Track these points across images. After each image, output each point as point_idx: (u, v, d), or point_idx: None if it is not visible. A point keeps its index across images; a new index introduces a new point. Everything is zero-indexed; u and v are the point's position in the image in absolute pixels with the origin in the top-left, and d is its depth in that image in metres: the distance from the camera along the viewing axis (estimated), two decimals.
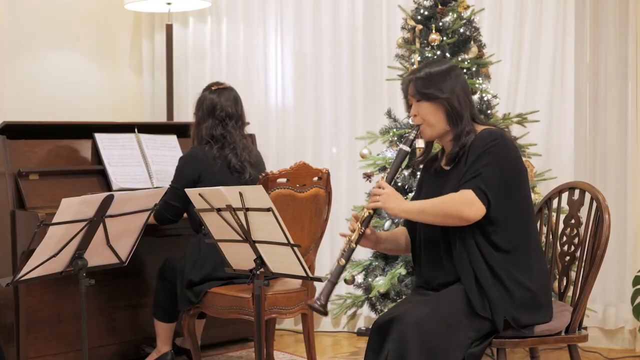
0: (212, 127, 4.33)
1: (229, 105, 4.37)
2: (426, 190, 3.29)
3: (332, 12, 5.58)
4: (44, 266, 3.06)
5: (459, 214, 3.02)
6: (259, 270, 3.15)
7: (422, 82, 3.16)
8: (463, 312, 3.00)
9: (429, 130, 3.20)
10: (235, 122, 4.37)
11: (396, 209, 3.12)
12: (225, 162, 4.28)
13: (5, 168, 4.42)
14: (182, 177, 4.28)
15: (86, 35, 5.65)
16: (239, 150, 4.33)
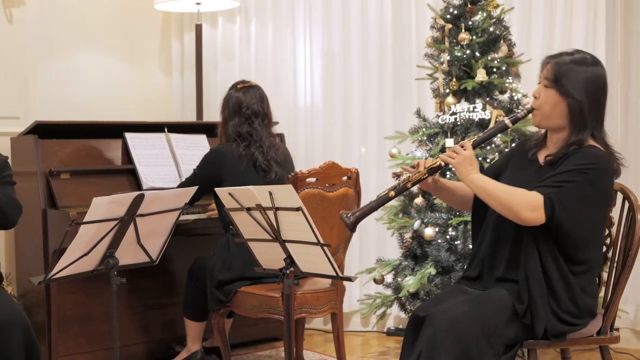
0: (239, 125, 4.34)
1: (255, 103, 4.38)
2: (511, 172, 3.21)
3: (361, 11, 5.57)
4: (75, 265, 3.07)
5: (517, 212, 2.95)
6: (288, 270, 3.14)
7: (563, 70, 3.02)
8: (502, 316, 2.97)
9: (540, 118, 3.09)
10: (262, 119, 4.38)
11: (464, 175, 3.07)
12: (251, 160, 4.29)
13: (37, 167, 4.45)
14: (205, 167, 4.30)
15: (116, 36, 5.68)
16: (265, 148, 4.33)
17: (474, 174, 3.07)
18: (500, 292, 3.04)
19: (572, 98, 3.01)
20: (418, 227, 4.78)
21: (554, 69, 3.04)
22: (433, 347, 2.88)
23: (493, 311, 2.96)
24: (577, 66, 3.03)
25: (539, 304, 2.97)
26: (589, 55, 3.11)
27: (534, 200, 2.93)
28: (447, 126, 4.83)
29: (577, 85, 3.01)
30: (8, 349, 2.95)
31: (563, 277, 3.01)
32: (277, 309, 3.97)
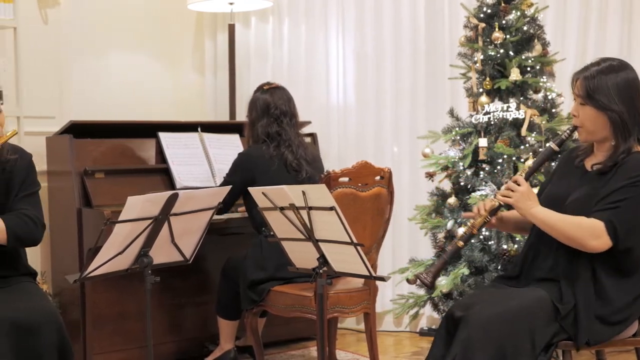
0: (268, 125, 4.36)
1: (282, 103, 4.40)
2: (557, 178, 3.23)
3: (394, 10, 5.55)
4: (110, 263, 3.09)
5: (582, 242, 2.98)
6: (322, 269, 3.14)
7: (593, 85, 3.03)
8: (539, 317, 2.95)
9: (586, 134, 3.10)
10: (290, 119, 4.40)
11: (525, 211, 3.09)
12: (282, 160, 4.30)
13: (71, 167, 4.48)
14: (236, 173, 4.31)
15: (150, 36, 5.71)
16: (295, 147, 4.35)
17: (534, 209, 3.08)
18: (538, 292, 3.02)
19: (610, 110, 3.01)
20: (451, 227, 4.76)
21: (584, 85, 3.05)
22: (468, 348, 2.87)
23: (529, 312, 2.95)
24: (605, 76, 3.02)
25: (582, 314, 2.96)
26: (616, 60, 3.10)
27: (596, 228, 2.95)
28: (480, 126, 4.81)
29: (610, 96, 3.00)
30: (41, 349, 2.97)
31: (613, 283, 3.00)
32: (309, 309, 3.97)
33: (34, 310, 3.02)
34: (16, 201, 3.22)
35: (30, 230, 3.21)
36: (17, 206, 3.21)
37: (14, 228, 3.14)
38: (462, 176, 4.80)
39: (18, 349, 2.92)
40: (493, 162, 4.74)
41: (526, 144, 4.71)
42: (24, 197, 3.24)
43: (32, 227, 3.22)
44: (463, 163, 4.80)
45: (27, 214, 3.21)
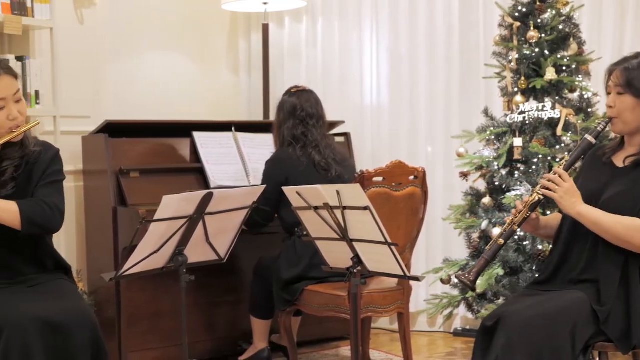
0: (294, 127, 4.37)
1: (309, 105, 4.40)
2: (585, 178, 3.21)
3: (428, 9, 5.54)
4: (145, 262, 3.10)
5: (630, 242, 2.95)
6: (356, 269, 3.14)
7: (633, 74, 3.02)
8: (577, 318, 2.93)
9: (622, 125, 3.09)
10: (317, 121, 4.40)
11: (570, 209, 3.05)
12: (310, 160, 4.30)
13: (107, 166, 4.52)
14: (269, 181, 4.30)
15: (184, 36, 5.74)
16: (322, 148, 4.35)
17: (579, 207, 3.05)
18: (575, 293, 3.00)
19: None
20: (486, 227, 4.74)
21: (624, 75, 3.04)
22: (507, 352, 2.85)
23: (568, 313, 2.92)
24: None
25: (636, 317, 2.93)
26: None
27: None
28: (515, 125, 4.79)
29: None
30: (74, 347, 2.98)
31: None
32: (343, 308, 3.97)
33: (67, 310, 3.03)
34: (37, 189, 3.19)
35: (46, 216, 3.14)
36: (37, 194, 3.19)
37: (28, 212, 3.09)
38: (497, 176, 4.78)
39: (51, 350, 2.93)
40: (528, 161, 4.71)
41: (561, 144, 4.68)
42: (45, 184, 3.20)
43: (48, 213, 3.15)
44: (498, 163, 4.78)
45: (44, 200, 3.16)
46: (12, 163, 3.19)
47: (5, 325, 2.92)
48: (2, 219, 3.08)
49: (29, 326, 2.92)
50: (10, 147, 3.19)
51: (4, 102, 3.12)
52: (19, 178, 3.19)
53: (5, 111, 3.13)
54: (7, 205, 3.09)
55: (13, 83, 3.17)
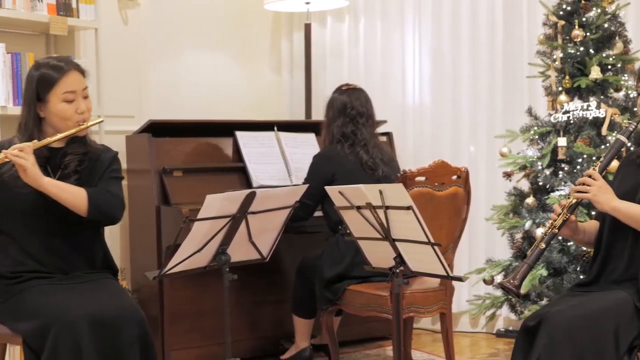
0: (343, 125, 4.37)
1: (359, 104, 4.40)
2: (620, 180, 3.19)
3: (471, 8, 5.50)
4: (188, 261, 3.12)
5: None
6: (398, 269, 3.13)
7: None
8: (621, 318, 2.90)
9: None
10: (366, 120, 4.40)
11: (605, 205, 3.04)
12: (357, 159, 4.30)
13: (150, 165, 4.55)
14: (315, 176, 4.31)
15: (227, 36, 5.77)
16: (370, 147, 4.34)
17: (614, 202, 3.04)
18: (618, 293, 2.97)
19: None
20: (529, 228, 4.70)
21: None
22: (551, 352, 2.82)
23: (611, 313, 2.89)
24: None
25: None
26: None
27: None
28: (559, 125, 4.74)
29: None
30: (124, 343, 3.01)
31: None
32: (385, 308, 3.96)
33: (116, 306, 3.07)
34: (100, 182, 3.27)
35: (112, 204, 3.24)
36: (100, 186, 3.26)
37: (95, 199, 3.17)
38: (541, 176, 4.74)
39: (101, 344, 2.96)
40: (572, 161, 4.67)
41: (606, 144, 4.62)
42: (107, 179, 3.29)
43: (113, 203, 3.24)
44: (542, 163, 4.74)
45: (109, 190, 3.25)
46: (75, 157, 3.26)
47: (56, 320, 2.96)
48: (71, 202, 3.15)
49: (79, 322, 2.95)
50: (75, 142, 3.27)
51: (73, 95, 3.20)
52: (82, 172, 3.26)
53: (74, 104, 3.21)
54: (76, 189, 3.17)
55: (82, 79, 3.26)
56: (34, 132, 3.20)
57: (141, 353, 3.06)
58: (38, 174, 3.07)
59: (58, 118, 3.20)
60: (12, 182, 3.13)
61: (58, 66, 3.20)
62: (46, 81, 3.17)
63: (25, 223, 3.19)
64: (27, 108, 3.20)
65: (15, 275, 3.18)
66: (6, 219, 3.20)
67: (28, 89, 3.21)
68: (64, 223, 3.21)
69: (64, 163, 3.24)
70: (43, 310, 3.02)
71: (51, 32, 4.53)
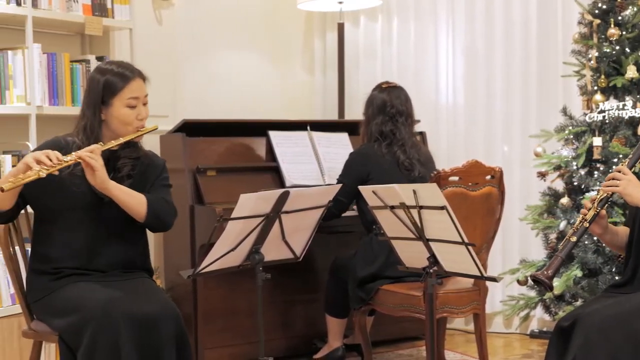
0: (382, 123, 4.35)
1: (399, 102, 4.38)
2: None
3: (505, 7, 5.47)
4: (222, 260, 3.14)
5: None
6: (432, 269, 3.13)
7: None
8: None
9: None
10: (405, 119, 4.38)
11: (635, 198, 3.04)
12: (394, 158, 4.29)
13: (184, 164, 4.57)
14: (350, 173, 4.32)
15: (260, 36, 5.78)
16: (408, 147, 4.32)
17: None
18: None
19: None
20: (564, 228, 4.67)
21: None
22: (586, 352, 2.80)
23: None
24: None
25: None
26: None
27: None
28: (594, 124, 4.70)
29: None
30: (160, 339, 3.04)
31: None
32: (418, 308, 3.95)
33: (153, 303, 3.10)
34: (153, 189, 3.32)
35: (167, 211, 3.30)
36: (154, 192, 3.31)
37: (154, 205, 3.24)
38: (576, 176, 4.70)
39: (139, 341, 2.99)
40: (608, 161, 4.63)
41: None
42: (160, 186, 3.35)
43: (169, 211, 3.31)
44: (576, 162, 4.71)
45: (164, 198, 3.32)
46: (129, 162, 3.30)
47: (94, 317, 2.99)
48: (132, 207, 3.20)
49: (118, 318, 2.98)
50: (129, 147, 3.31)
51: (136, 101, 3.26)
52: (134, 177, 3.30)
53: (135, 110, 3.26)
54: (138, 195, 3.23)
55: (144, 86, 3.32)
56: (98, 134, 3.24)
57: (177, 350, 3.09)
58: (105, 176, 3.12)
59: (119, 122, 3.25)
60: (68, 179, 3.17)
61: (124, 73, 3.26)
62: (112, 87, 3.22)
63: (73, 221, 3.23)
64: (92, 111, 3.24)
65: (56, 272, 3.22)
66: (55, 215, 3.24)
67: (93, 92, 3.25)
68: (112, 224, 3.25)
69: (117, 166, 3.28)
70: (81, 307, 3.05)
71: (86, 33, 4.57)
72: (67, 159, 3.07)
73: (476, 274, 3.07)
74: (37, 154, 3.04)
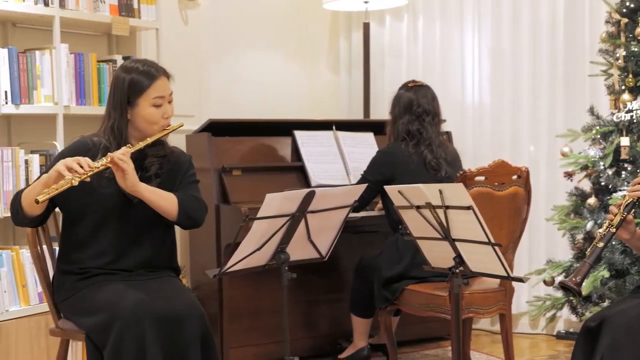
0: (409, 122, 4.34)
1: (426, 101, 4.37)
2: None
3: (531, 6, 5.44)
4: (248, 259, 3.14)
5: None
6: (458, 269, 3.11)
7: None
8: None
9: None
10: (432, 118, 4.36)
11: None
12: (420, 158, 4.28)
13: (210, 164, 4.59)
14: (375, 170, 4.31)
15: (286, 36, 5.79)
16: (435, 147, 4.31)
17: None
18: None
19: None
20: (591, 228, 4.64)
21: None
22: (614, 352, 2.78)
23: None
24: None
25: None
26: None
27: None
28: (622, 124, 4.67)
29: None
30: (185, 339, 3.05)
31: None
32: (443, 308, 3.94)
33: (178, 303, 3.10)
34: (181, 187, 3.32)
35: (198, 209, 3.30)
36: (183, 190, 3.32)
37: (185, 204, 3.24)
38: (603, 176, 4.67)
39: (165, 339, 3.00)
40: (635, 161, 4.59)
41: None
42: (189, 183, 3.35)
43: (199, 208, 3.31)
44: (604, 162, 4.68)
45: (195, 196, 3.32)
46: (156, 161, 3.31)
47: (120, 316, 3.00)
48: (163, 208, 3.21)
49: (143, 317, 2.99)
50: (156, 146, 3.31)
51: (162, 100, 3.25)
52: (162, 175, 3.30)
53: (161, 109, 3.26)
54: (168, 195, 3.23)
55: (169, 84, 3.31)
56: (125, 135, 3.24)
57: (202, 350, 3.09)
58: (136, 179, 3.13)
59: (145, 121, 3.24)
60: (95, 181, 3.16)
61: (149, 71, 3.25)
62: (138, 86, 3.22)
63: (101, 222, 3.23)
64: (119, 111, 3.23)
65: (82, 272, 3.23)
66: (83, 217, 3.24)
67: (118, 92, 3.24)
68: (139, 225, 3.26)
69: (145, 165, 3.28)
70: (107, 306, 3.06)
71: (113, 33, 4.59)
72: (98, 165, 3.07)
73: (502, 275, 3.05)
74: (68, 162, 3.03)
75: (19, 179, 4.11)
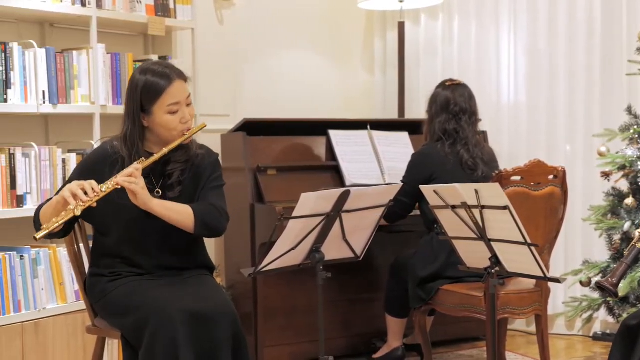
0: (446, 121, 4.32)
1: (463, 100, 4.34)
2: None
3: (568, 4, 5.39)
4: (282, 258, 3.15)
5: None
6: (494, 269, 3.10)
7: None
8: None
9: None
10: (469, 117, 4.33)
11: None
12: (457, 158, 4.25)
13: (245, 163, 4.60)
14: (413, 175, 4.29)
15: (320, 35, 5.80)
16: (471, 146, 4.28)
17: None
18: None
19: None
20: (628, 229, 4.59)
21: None
22: None
23: None
24: None
25: None
26: None
27: None
28: None
29: None
30: (217, 339, 3.04)
31: None
32: (478, 309, 3.92)
33: (211, 302, 3.10)
34: (203, 193, 3.26)
35: (217, 219, 3.22)
36: (204, 197, 3.26)
37: (201, 216, 3.17)
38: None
39: (196, 339, 3.00)
40: None
41: None
42: (211, 188, 3.27)
43: (218, 216, 3.22)
44: None
45: (213, 204, 3.23)
46: (178, 167, 3.24)
47: (153, 315, 3.01)
48: (178, 221, 3.15)
49: (176, 316, 2.99)
50: (177, 151, 3.23)
51: (178, 106, 3.17)
52: (184, 181, 3.25)
53: (178, 115, 3.17)
54: (183, 208, 3.16)
55: (185, 87, 3.22)
56: (138, 145, 3.18)
57: (234, 351, 3.08)
58: (147, 197, 3.08)
59: (163, 129, 3.17)
60: (114, 194, 3.09)
61: (163, 74, 3.15)
62: (151, 93, 3.13)
63: (125, 232, 3.22)
64: (132, 120, 3.17)
65: (112, 275, 3.24)
66: (105, 227, 3.24)
67: (132, 98, 3.17)
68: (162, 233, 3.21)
69: (167, 172, 3.24)
70: (140, 306, 3.07)
71: (149, 33, 4.62)
72: (104, 189, 3.01)
73: (539, 275, 3.04)
74: (73, 188, 2.97)
75: (56, 178, 4.15)
